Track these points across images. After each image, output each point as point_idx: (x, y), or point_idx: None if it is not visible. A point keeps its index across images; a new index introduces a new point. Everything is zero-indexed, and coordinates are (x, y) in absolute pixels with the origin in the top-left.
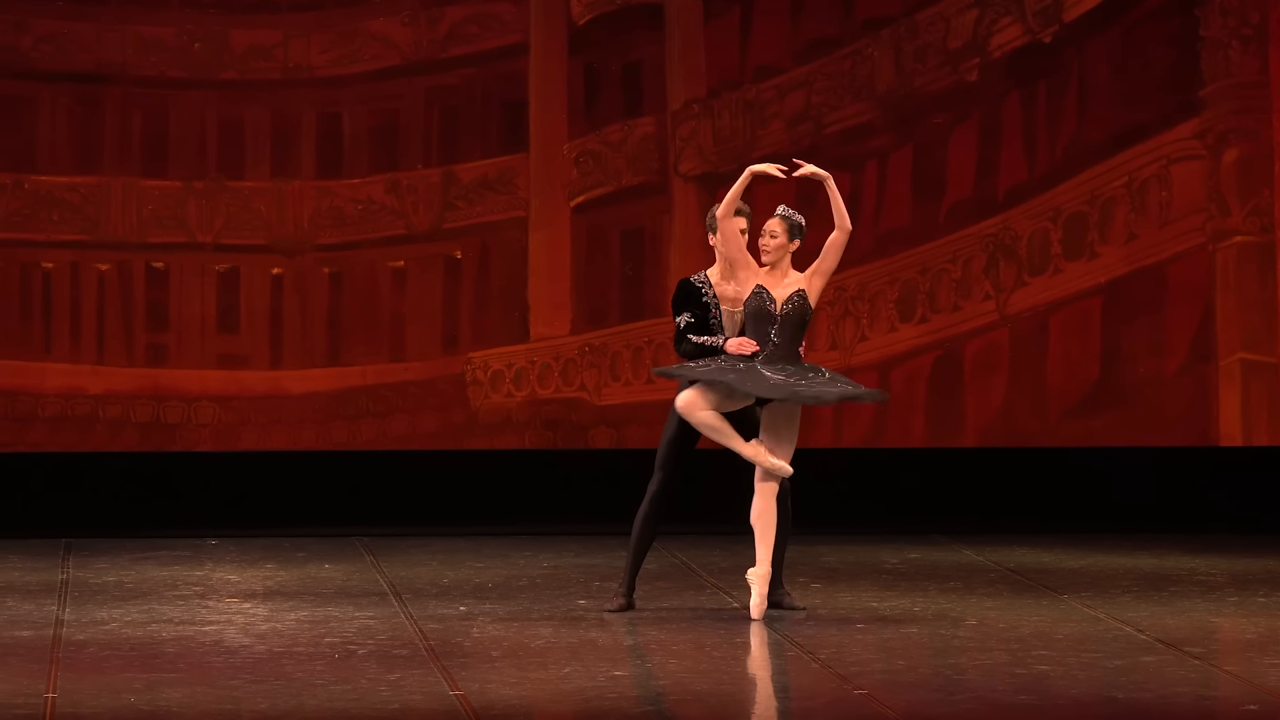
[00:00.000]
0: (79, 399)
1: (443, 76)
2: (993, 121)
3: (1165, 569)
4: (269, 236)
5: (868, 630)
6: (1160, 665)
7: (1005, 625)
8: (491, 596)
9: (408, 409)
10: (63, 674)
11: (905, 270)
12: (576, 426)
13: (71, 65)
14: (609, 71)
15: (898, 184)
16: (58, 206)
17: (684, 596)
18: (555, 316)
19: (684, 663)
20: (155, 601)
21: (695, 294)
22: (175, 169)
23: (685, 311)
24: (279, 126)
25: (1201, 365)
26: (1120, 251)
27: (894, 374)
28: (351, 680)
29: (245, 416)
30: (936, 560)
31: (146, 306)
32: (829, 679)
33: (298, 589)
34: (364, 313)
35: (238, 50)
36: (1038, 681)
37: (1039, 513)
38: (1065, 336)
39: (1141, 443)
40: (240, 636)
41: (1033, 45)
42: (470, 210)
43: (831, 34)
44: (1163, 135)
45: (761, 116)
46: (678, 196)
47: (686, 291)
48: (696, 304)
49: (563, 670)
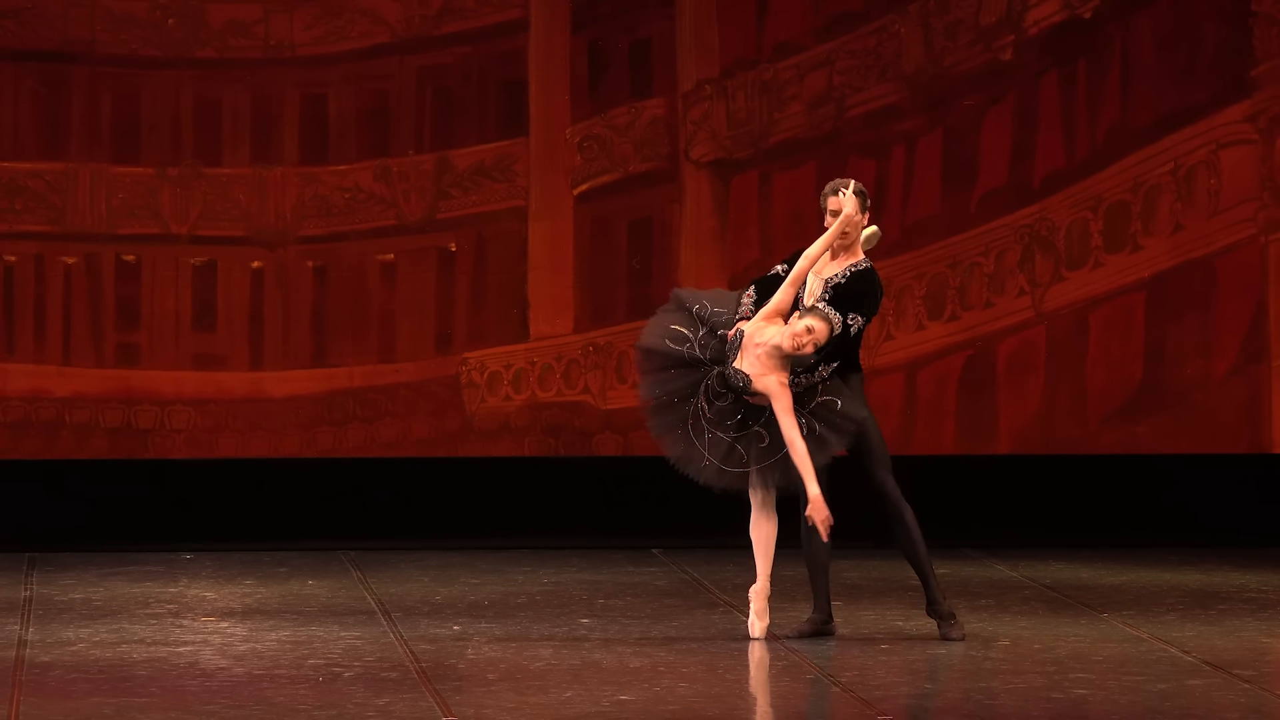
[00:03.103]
0: (43, 402)
1: (436, 55)
2: (1029, 103)
3: (1213, 586)
4: (249, 227)
5: (893, 651)
6: (1207, 689)
7: (1041, 646)
8: (487, 615)
9: (398, 413)
10: (26, 698)
11: (934, 264)
12: (579, 432)
13: (36, 43)
14: (615, 49)
15: (926, 171)
16: (21, 195)
17: (694, 615)
18: (557, 314)
19: (694, 686)
20: (126, 620)
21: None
22: (148, 154)
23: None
24: (259, 109)
25: (1253, 366)
26: (1166, 243)
27: (922, 375)
28: (337, 705)
29: (223, 421)
30: (967, 576)
31: (116, 303)
32: (851, 704)
33: (279, 607)
34: (351, 310)
35: (215, 26)
36: (1075, 707)
37: (1077, 525)
38: (1106, 335)
39: (1188, 450)
40: (217, 658)
41: (1072, 21)
42: (465, 199)
43: (855, 9)
44: (1212, 118)
45: (779, 98)
46: (689, 184)
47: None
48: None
49: (564, 694)
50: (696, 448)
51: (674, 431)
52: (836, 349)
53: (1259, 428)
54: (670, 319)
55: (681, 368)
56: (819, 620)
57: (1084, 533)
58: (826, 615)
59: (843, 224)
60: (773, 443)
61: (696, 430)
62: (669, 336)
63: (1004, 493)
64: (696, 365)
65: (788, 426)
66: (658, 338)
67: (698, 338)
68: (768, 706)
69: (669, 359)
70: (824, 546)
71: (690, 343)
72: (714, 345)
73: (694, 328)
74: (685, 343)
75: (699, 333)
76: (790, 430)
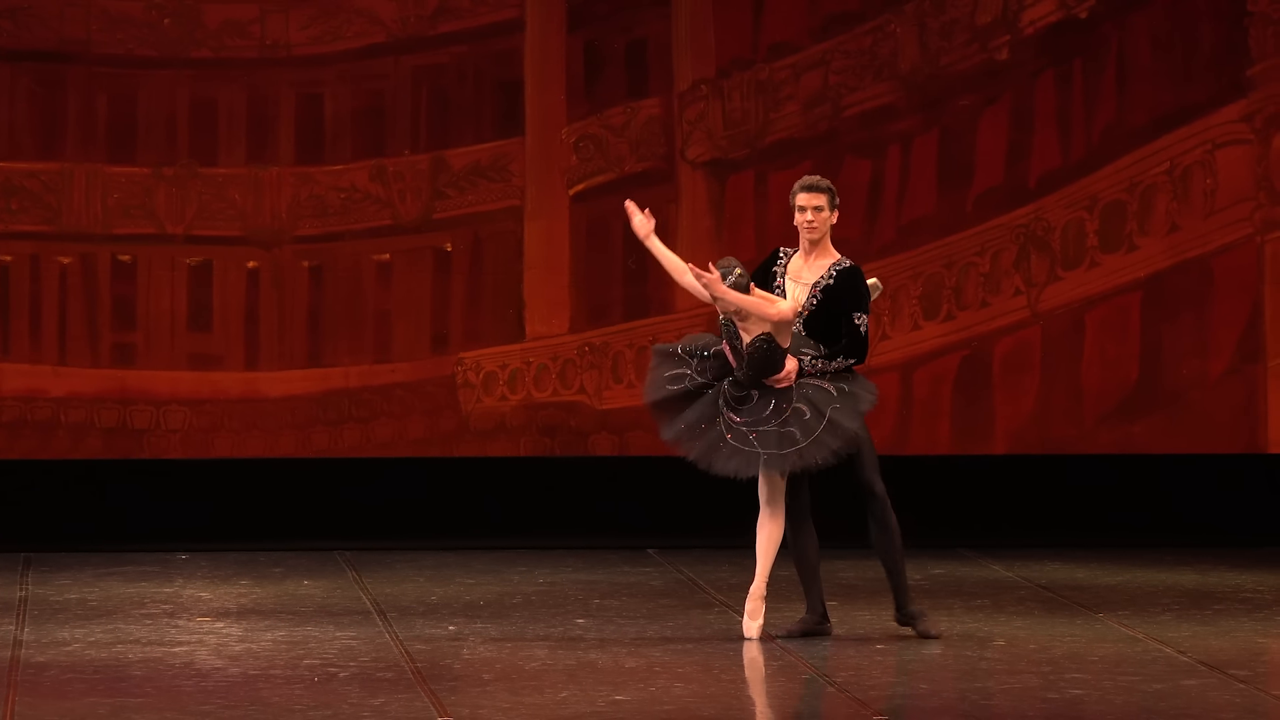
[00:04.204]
0: (39, 402)
1: (432, 55)
2: (1024, 103)
3: (1209, 586)
4: (244, 227)
5: (888, 651)
6: (1203, 690)
7: (1036, 646)
8: (483, 615)
9: (394, 413)
10: (21, 698)
11: (930, 264)
12: (575, 432)
13: (31, 42)
14: (611, 49)
15: (922, 171)
16: (16, 194)
17: (690, 615)
18: (553, 314)
19: (690, 686)
20: (121, 620)
21: (768, 260)
22: (143, 154)
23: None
24: (255, 109)
25: (1249, 366)
26: (1161, 243)
27: (917, 375)
28: (332, 705)
29: (218, 421)
30: (962, 576)
31: (112, 302)
32: (846, 704)
33: (274, 607)
34: (347, 310)
35: (211, 26)
36: (1071, 706)
37: (1073, 525)
38: (1102, 335)
39: (1184, 450)
40: (212, 658)
41: (1068, 20)
42: (461, 199)
43: (851, 9)
44: (1208, 117)
45: (775, 98)
46: (685, 184)
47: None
48: (761, 267)
49: (559, 695)
50: (745, 451)
51: (717, 451)
52: (854, 347)
53: (1255, 427)
54: (660, 370)
55: (692, 399)
56: (812, 620)
57: (1080, 533)
58: (821, 615)
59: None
60: (814, 413)
61: (738, 438)
62: (667, 382)
63: (999, 493)
64: (704, 390)
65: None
66: (658, 389)
67: (693, 369)
68: (763, 707)
69: (678, 400)
70: (814, 547)
71: (688, 375)
72: (712, 366)
73: (684, 364)
74: (684, 379)
75: (692, 363)
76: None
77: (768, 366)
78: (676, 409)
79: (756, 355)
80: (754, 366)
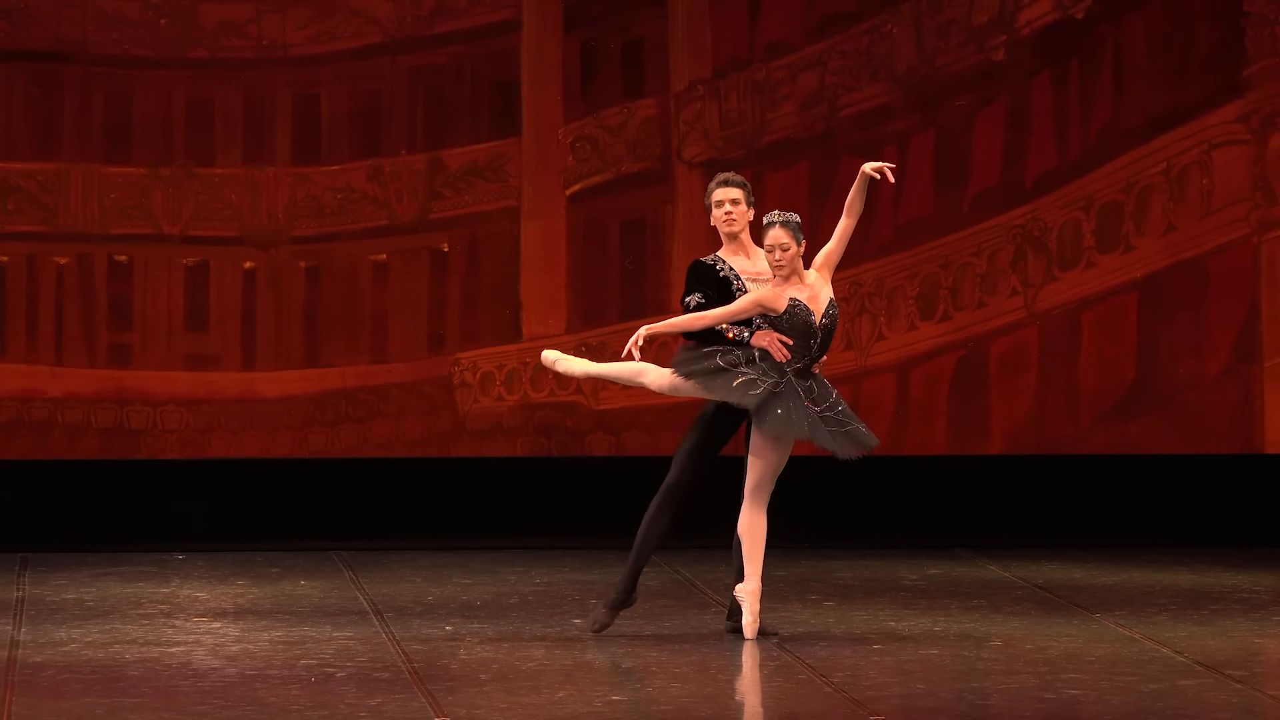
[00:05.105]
0: (36, 402)
1: (428, 55)
2: (1021, 103)
3: (1205, 586)
4: (241, 227)
5: (885, 652)
6: (1200, 690)
7: (1033, 646)
8: (480, 615)
9: (390, 414)
10: (18, 699)
11: (926, 264)
12: (572, 433)
13: (28, 43)
14: (608, 49)
15: (918, 171)
16: (13, 195)
17: (686, 615)
18: (549, 314)
19: (687, 686)
20: (118, 621)
21: (709, 271)
22: (140, 155)
23: (697, 291)
24: (252, 109)
25: (1245, 366)
26: (1158, 244)
27: (914, 375)
28: (329, 705)
29: (215, 421)
30: (959, 576)
31: (109, 303)
32: (843, 704)
33: (271, 607)
34: (343, 310)
35: (207, 26)
36: (1068, 707)
37: (1069, 525)
38: (1098, 335)
39: (1180, 450)
40: (209, 658)
41: (1064, 21)
42: (458, 199)
43: (848, 9)
44: (1204, 118)
45: (772, 98)
46: (681, 184)
47: (699, 271)
48: (711, 283)
49: (556, 695)
50: (849, 431)
51: (820, 430)
52: None
53: (1251, 428)
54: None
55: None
56: (620, 600)
57: (1076, 533)
58: (630, 590)
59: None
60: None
61: (833, 422)
62: (702, 356)
63: (996, 493)
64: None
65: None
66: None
67: (757, 374)
68: (760, 707)
69: (717, 358)
70: (667, 523)
71: (718, 352)
72: (770, 365)
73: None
74: (715, 355)
75: (753, 370)
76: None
77: None
78: (716, 366)
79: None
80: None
